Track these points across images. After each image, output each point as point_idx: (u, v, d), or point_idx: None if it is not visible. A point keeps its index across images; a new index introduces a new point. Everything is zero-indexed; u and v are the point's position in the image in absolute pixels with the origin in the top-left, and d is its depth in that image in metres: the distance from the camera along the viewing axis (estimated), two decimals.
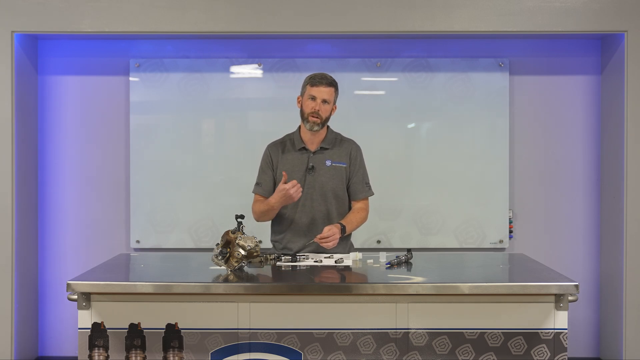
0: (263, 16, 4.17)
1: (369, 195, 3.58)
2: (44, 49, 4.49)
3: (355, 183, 3.53)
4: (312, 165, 3.47)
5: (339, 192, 3.50)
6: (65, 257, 4.53)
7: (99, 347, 2.87)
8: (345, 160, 3.51)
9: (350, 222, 3.47)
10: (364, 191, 3.55)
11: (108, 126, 4.52)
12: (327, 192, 3.47)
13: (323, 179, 3.47)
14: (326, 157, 3.49)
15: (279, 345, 2.86)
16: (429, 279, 2.98)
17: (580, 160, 4.52)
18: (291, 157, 3.50)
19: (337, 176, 3.49)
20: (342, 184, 3.50)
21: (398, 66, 4.46)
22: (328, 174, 3.48)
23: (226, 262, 3.04)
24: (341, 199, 3.52)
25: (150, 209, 4.48)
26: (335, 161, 3.50)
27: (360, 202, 3.56)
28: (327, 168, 3.48)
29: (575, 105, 4.51)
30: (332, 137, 3.53)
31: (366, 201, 3.58)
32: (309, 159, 3.48)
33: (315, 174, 3.47)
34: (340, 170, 3.50)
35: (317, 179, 3.47)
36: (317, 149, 3.49)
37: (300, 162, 3.48)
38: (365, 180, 3.57)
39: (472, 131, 4.49)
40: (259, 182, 3.55)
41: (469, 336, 2.85)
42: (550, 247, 4.52)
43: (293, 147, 3.51)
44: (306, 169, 3.47)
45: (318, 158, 3.49)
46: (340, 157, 3.51)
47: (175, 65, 4.46)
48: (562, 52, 4.48)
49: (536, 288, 2.81)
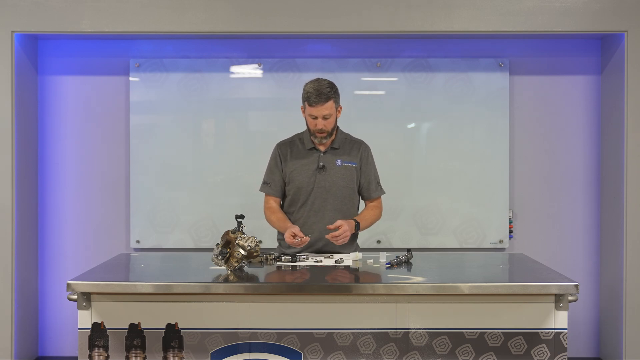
0: (263, 16, 4.17)
1: (381, 194, 3.60)
2: (44, 49, 4.49)
3: (368, 183, 3.54)
4: (322, 165, 3.47)
5: (349, 192, 3.51)
6: (65, 257, 4.53)
7: (99, 347, 2.87)
8: (355, 161, 3.51)
9: (365, 218, 3.50)
10: (377, 190, 3.58)
11: (108, 126, 4.52)
12: (338, 192, 3.47)
13: (334, 178, 3.47)
14: (337, 157, 3.49)
15: (279, 345, 2.86)
16: (429, 279, 2.99)
17: (580, 160, 4.52)
18: (301, 157, 3.49)
19: (348, 176, 3.49)
20: (352, 184, 3.51)
21: (398, 66, 4.46)
22: (339, 173, 3.48)
23: (226, 262, 3.04)
24: (351, 198, 3.52)
25: (150, 209, 4.48)
26: (346, 161, 3.50)
27: (374, 201, 3.58)
28: (337, 168, 3.48)
29: (575, 105, 4.51)
30: (342, 137, 3.53)
31: (379, 200, 3.60)
32: (319, 159, 3.48)
33: (325, 174, 3.47)
34: (351, 170, 3.50)
35: (328, 179, 3.47)
36: (328, 149, 3.50)
37: (311, 161, 3.48)
38: (377, 180, 3.59)
39: (472, 131, 4.49)
40: (268, 182, 3.54)
41: (469, 336, 2.85)
42: (550, 247, 4.52)
43: (303, 147, 3.51)
44: (317, 168, 3.47)
45: (328, 158, 3.49)
46: (350, 157, 3.51)
47: (175, 65, 4.46)
48: (562, 52, 4.48)
49: (536, 288, 2.81)
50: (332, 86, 3.39)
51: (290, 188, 3.50)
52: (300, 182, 3.46)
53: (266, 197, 3.56)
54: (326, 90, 3.34)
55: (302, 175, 3.46)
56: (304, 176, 3.46)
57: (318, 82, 3.38)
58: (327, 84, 3.37)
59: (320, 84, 3.37)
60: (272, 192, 3.53)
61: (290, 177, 3.48)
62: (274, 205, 3.54)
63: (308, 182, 3.46)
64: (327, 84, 3.38)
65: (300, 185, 3.47)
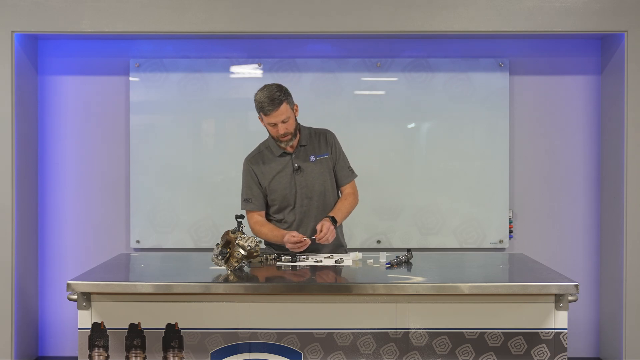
0: (263, 16, 4.17)
1: (353, 178, 3.57)
2: (44, 49, 4.49)
3: (340, 169, 3.53)
4: (297, 166, 3.45)
5: (331, 184, 3.50)
6: (65, 257, 4.53)
7: (99, 347, 2.87)
8: (326, 151, 3.50)
9: (340, 210, 3.46)
10: (349, 175, 3.56)
11: (108, 126, 4.52)
12: (320, 187, 3.47)
13: (313, 175, 3.46)
14: (309, 154, 3.48)
15: (279, 345, 2.86)
16: (429, 279, 2.99)
17: (580, 160, 4.52)
18: (274, 165, 3.47)
19: (325, 168, 3.48)
20: (331, 175, 3.50)
21: (398, 66, 4.46)
22: (316, 169, 3.47)
23: (226, 262, 3.04)
24: (334, 190, 3.52)
25: (150, 209, 4.48)
26: (319, 154, 3.49)
27: (348, 187, 3.56)
28: (313, 164, 3.47)
29: (575, 105, 4.50)
30: (306, 133, 3.51)
31: (353, 184, 3.58)
32: (292, 161, 3.47)
33: (303, 174, 3.46)
34: (327, 161, 3.49)
35: (308, 178, 3.46)
36: (296, 148, 3.47)
37: (285, 166, 3.46)
38: (347, 165, 3.57)
39: (472, 131, 4.49)
40: (248, 199, 3.50)
41: (469, 336, 2.85)
42: (550, 247, 4.52)
43: (273, 155, 3.48)
44: (293, 171, 3.46)
45: (301, 157, 3.47)
46: (321, 150, 3.49)
47: (175, 65, 4.46)
48: (562, 52, 4.48)
49: (536, 288, 2.81)
50: (281, 89, 3.33)
51: (275, 198, 3.47)
52: (283, 189, 3.44)
53: (249, 213, 3.51)
54: (276, 95, 3.29)
55: (282, 183, 3.44)
56: (284, 183, 3.44)
57: (268, 89, 3.32)
58: (276, 88, 3.32)
59: (270, 90, 3.31)
60: (256, 208, 3.49)
61: (271, 188, 3.45)
62: (260, 219, 3.50)
63: (290, 187, 3.44)
64: (276, 87, 3.33)
65: (284, 193, 3.44)
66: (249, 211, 3.51)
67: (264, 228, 3.46)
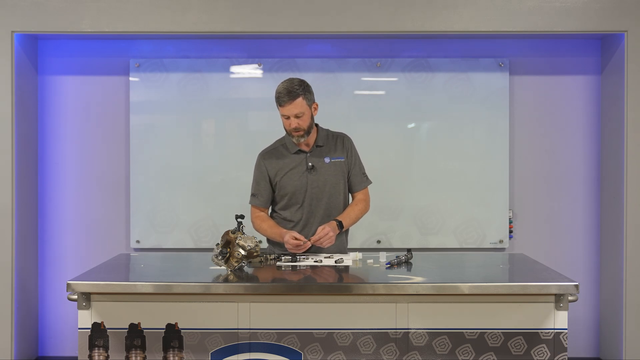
0: (263, 16, 4.17)
1: (367, 185, 3.58)
2: (44, 49, 4.49)
3: (355, 175, 3.53)
4: (311, 165, 3.46)
5: (342, 187, 3.50)
6: (65, 257, 4.53)
7: (99, 347, 2.87)
8: (342, 155, 3.50)
9: (348, 216, 3.46)
10: (363, 182, 3.56)
11: (108, 126, 4.52)
12: (331, 189, 3.47)
13: (325, 176, 3.46)
14: (324, 155, 3.48)
15: (279, 345, 2.86)
16: (429, 279, 2.98)
17: (580, 160, 4.52)
18: (288, 161, 3.47)
19: (339, 171, 3.48)
20: (343, 179, 3.50)
21: (398, 66, 4.46)
22: (329, 170, 3.47)
23: (226, 262, 3.04)
24: (345, 193, 3.52)
25: (150, 209, 4.48)
26: (334, 157, 3.49)
27: (360, 193, 3.56)
28: (327, 165, 3.47)
29: (575, 105, 4.50)
30: (323, 134, 3.51)
31: (366, 191, 3.58)
32: (307, 159, 3.48)
33: (316, 173, 3.46)
34: (341, 165, 3.49)
35: (320, 177, 3.46)
36: (313, 148, 3.48)
37: (299, 164, 3.47)
38: (362, 171, 3.57)
39: (472, 131, 4.49)
40: (255, 194, 3.51)
41: (469, 336, 2.85)
42: (550, 247, 4.52)
43: (288, 152, 3.48)
44: (306, 169, 3.46)
45: (316, 156, 3.47)
46: (337, 152, 3.50)
47: (175, 65, 4.46)
48: (562, 52, 4.48)
49: (536, 288, 2.81)
50: (301, 84, 3.34)
51: (284, 194, 3.47)
52: (293, 186, 3.44)
53: (253, 207, 3.54)
54: (295, 89, 3.30)
55: (294, 180, 3.44)
56: (295, 180, 3.44)
57: (289, 82, 3.34)
58: (298, 82, 3.34)
59: (291, 82, 3.33)
60: (260, 204, 3.50)
61: (282, 184, 3.46)
62: (262, 214, 3.52)
63: (301, 185, 3.44)
64: (297, 81, 3.34)
65: (294, 190, 3.44)
66: (253, 206, 3.53)
67: (264, 224, 3.48)
